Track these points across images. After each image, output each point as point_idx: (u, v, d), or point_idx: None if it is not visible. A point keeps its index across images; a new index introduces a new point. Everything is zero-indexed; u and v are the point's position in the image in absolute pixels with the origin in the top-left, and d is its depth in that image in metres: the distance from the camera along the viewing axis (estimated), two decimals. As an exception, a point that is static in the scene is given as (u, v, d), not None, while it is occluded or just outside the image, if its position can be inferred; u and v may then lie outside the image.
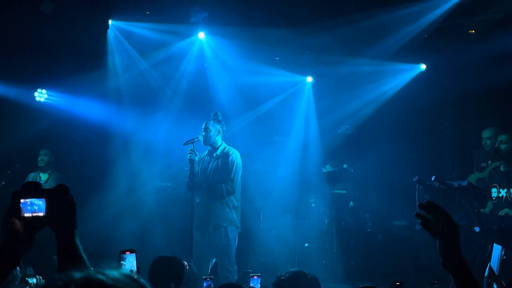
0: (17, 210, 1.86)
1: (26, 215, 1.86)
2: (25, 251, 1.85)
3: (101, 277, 1.18)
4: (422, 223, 2.08)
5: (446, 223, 2.04)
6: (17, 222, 1.85)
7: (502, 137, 6.77)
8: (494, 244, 4.91)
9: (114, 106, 9.20)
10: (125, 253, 3.03)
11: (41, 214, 1.87)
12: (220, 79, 9.63)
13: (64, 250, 1.85)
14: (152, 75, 9.45)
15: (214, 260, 6.82)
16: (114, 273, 1.20)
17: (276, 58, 9.91)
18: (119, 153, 9.09)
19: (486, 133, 7.49)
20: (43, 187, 1.91)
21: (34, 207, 1.87)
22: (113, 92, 9.28)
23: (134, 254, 2.16)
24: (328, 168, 9.50)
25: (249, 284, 4.90)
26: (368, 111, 9.98)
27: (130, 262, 2.91)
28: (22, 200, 1.87)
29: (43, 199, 1.88)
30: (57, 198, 1.89)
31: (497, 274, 4.72)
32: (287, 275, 3.55)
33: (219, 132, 6.86)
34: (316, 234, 9.10)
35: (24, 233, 1.85)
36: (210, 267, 6.79)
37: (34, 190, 1.89)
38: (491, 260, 4.83)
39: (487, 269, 4.83)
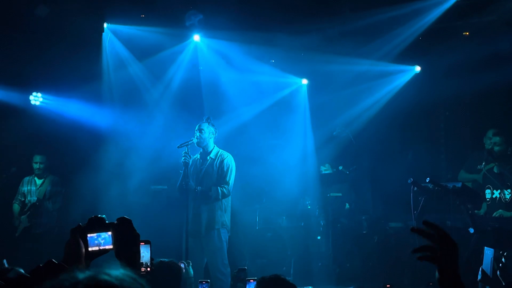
0: (84, 244, 1.93)
1: (94, 248, 1.94)
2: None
3: (106, 277, 1.20)
4: (420, 257, 1.91)
5: (445, 242, 1.88)
6: (82, 248, 1.89)
7: (496, 139, 6.79)
8: (485, 247, 4.93)
9: (109, 109, 9.19)
10: (140, 244, 2.99)
11: (107, 247, 1.96)
12: (215, 82, 9.65)
13: None
14: (148, 78, 9.46)
15: (205, 261, 6.83)
16: (117, 273, 1.22)
17: (271, 61, 9.93)
18: (114, 156, 9.08)
19: (492, 132, 7.45)
20: (106, 221, 1.99)
21: (100, 241, 1.95)
22: (108, 95, 9.28)
23: (149, 245, 2.12)
24: (327, 167, 9.51)
25: (245, 284, 4.90)
26: (363, 113, 10.00)
27: (144, 254, 2.87)
28: (89, 235, 1.94)
29: (109, 233, 1.96)
30: (122, 230, 1.96)
31: (490, 277, 4.73)
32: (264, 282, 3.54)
33: (212, 134, 6.88)
34: (312, 236, 9.11)
35: (83, 262, 1.89)
36: (203, 270, 6.80)
37: (100, 225, 1.97)
38: (483, 264, 4.84)
39: (480, 272, 4.84)
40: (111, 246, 1.95)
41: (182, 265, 5.50)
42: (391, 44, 9.32)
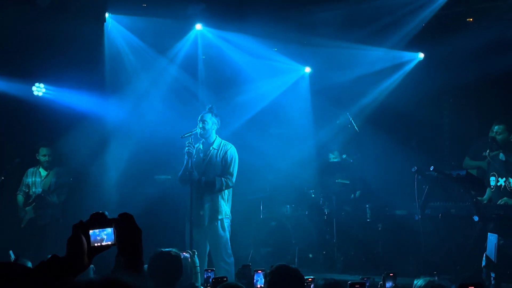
0: (87, 240, 1.92)
1: (96, 244, 1.93)
2: (81, 271, 1.89)
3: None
4: None
5: None
6: (84, 244, 1.89)
7: (498, 128, 6.72)
8: (489, 233, 4.92)
9: (112, 98, 9.18)
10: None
11: (110, 242, 1.95)
12: (218, 71, 9.63)
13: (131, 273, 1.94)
14: (150, 67, 9.44)
15: (207, 250, 6.84)
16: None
17: (274, 49, 9.90)
18: (118, 146, 9.09)
19: (494, 122, 7.35)
20: (108, 217, 1.97)
21: (103, 236, 1.94)
22: (111, 84, 9.26)
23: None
24: (336, 155, 9.49)
25: (253, 278, 4.90)
26: (366, 101, 9.98)
27: None
28: (91, 231, 1.93)
29: (111, 228, 1.95)
30: (124, 226, 1.95)
31: (495, 262, 4.73)
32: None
33: (215, 125, 6.86)
34: (316, 224, 9.12)
35: (86, 258, 1.89)
36: (206, 259, 6.82)
37: (102, 220, 1.95)
38: (487, 250, 4.83)
39: (484, 259, 4.84)
40: (113, 242, 1.95)
41: (188, 255, 5.51)
42: (394, 31, 9.27)
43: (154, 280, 4.22)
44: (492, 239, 5.07)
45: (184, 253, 5.38)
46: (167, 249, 4.49)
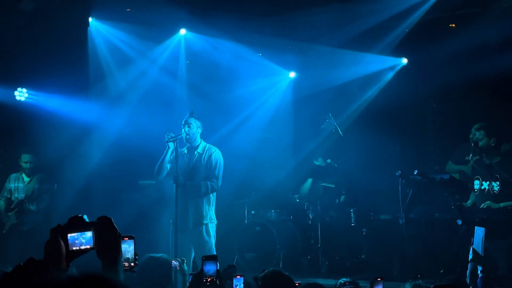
0: (65, 244, 1.91)
1: (74, 248, 1.92)
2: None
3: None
4: None
5: None
6: (62, 248, 1.86)
7: (479, 134, 6.73)
8: (476, 227, 4.91)
9: (95, 103, 9.13)
10: (124, 239, 2.99)
11: (88, 246, 1.94)
12: (202, 76, 9.62)
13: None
14: (134, 71, 9.40)
15: (193, 256, 6.81)
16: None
17: (259, 54, 9.91)
18: (102, 151, 9.03)
19: (474, 127, 7.37)
20: (87, 220, 1.96)
21: (81, 241, 1.93)
22: (95, 89, 9.21)
23: (133, 240, 2.15)
24: (320, 161, 9.51)
25: (231, 281, 4.85)
26: (351, 106, 10.02)
27: (128, 249, 2.88)
28: (69, 235, 1.92)
29: (90, 232, 1.93)
30: (103, 229, 1.94)
31: (482, 255, 4.72)
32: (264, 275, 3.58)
33: (199, 128, 6.85)
34: (301, 229, 9.12)
35: (64, 262, 1.87)
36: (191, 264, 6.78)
37: (80, 224, 1.94)
38: (474, 243, 4.83)
39: (471, 252, 4.85)
40: (92, 246, 1.92)
41: (177, 263, 5.47)
42: (377, 37, 9.33)
43: (144, 285, 4.19)
44: (479, 232, 5.05)
45: (173, 261, 5.34)
46: (157, 255, 4.47)
